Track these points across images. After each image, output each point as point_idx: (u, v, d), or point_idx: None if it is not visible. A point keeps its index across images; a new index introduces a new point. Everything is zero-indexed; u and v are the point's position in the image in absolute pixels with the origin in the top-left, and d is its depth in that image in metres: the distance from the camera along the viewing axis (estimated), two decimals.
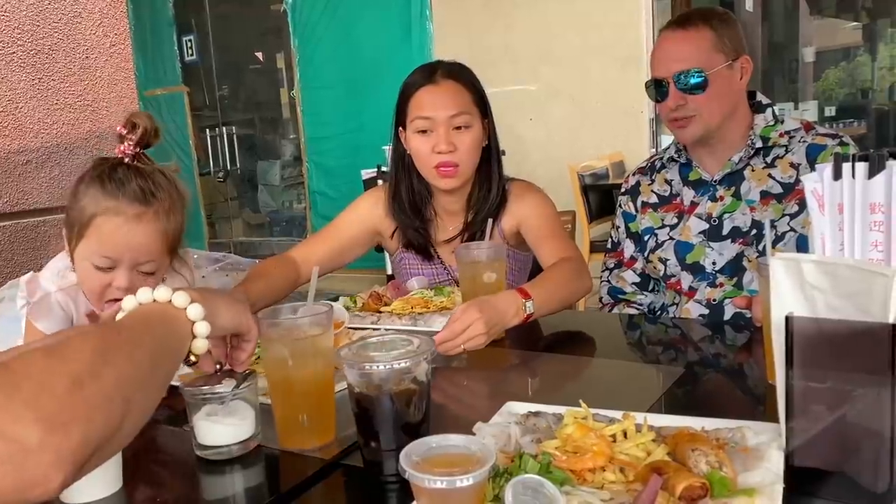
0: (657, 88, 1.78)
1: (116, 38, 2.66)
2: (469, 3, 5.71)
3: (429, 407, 0.96)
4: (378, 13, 5.95)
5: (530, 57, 5.58)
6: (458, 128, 1.77)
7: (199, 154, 7.35)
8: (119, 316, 0.89)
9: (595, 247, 4.64)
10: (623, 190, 2.04)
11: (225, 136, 7.62)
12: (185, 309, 0.89)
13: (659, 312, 1.96)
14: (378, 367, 0.91)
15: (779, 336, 0.85)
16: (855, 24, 8.49)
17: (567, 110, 5.53)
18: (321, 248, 1.90)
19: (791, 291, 0.85)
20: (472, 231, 1.88)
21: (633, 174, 2.03)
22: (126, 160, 1.40)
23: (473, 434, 0.93)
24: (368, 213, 1.97)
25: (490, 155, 1.88)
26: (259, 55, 8.17)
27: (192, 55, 7.38)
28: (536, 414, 1.00)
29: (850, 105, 7.90)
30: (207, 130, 7.57)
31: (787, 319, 0.83)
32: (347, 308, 1.78)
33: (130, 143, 1.39)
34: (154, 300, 0.89)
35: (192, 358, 0.93)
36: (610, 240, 2.08)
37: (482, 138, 1.83)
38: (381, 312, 1.73)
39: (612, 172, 5.15)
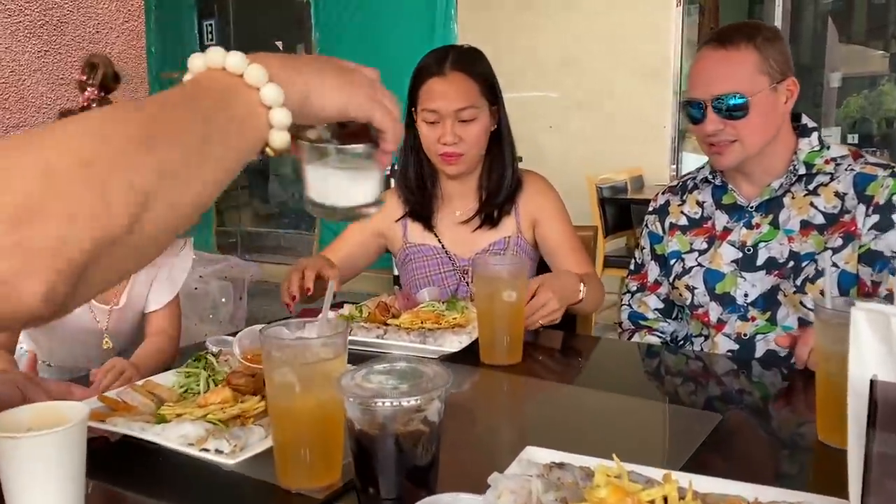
0: (694, 110, 1.64)
1: (130, 15, 2.55)
2: (496, 5, 5.59)
3: (438, 451, 0.83)
4: (402, 12, 5.83)
5: (554, 64, 5.47)
6: (464, 120, 1.82)
7: None
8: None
9: (609, 261, 4.50)
10: (651, 209, 1.91)
11: None
12: (259, 90, 0.65)
13: (682, 342, 1.83)
14: (384, 403, 0.78)
15: (857, 400, 0.72)
16: (883, 52, 8.34)
17: (588, 121, 5.42)
18: (334, 258, 1.83)
19: (875, 350, 0.72)
20: (487, 213, 1.92)
21: (663, 193, 1.90)
22: (94, 106, 1.30)
23: (488, 485, 0.81)
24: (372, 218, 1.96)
25: (501, 139, 1.91)
26: (279, 45, 8.06)
27: (211, 40, 7.28)
28: (561, 465, 0.87)
29: (873, 133, 7.75)
30: None
31: (872, 384, 0.70)
32: (353, 318, 1.66)
33: (93, 87, 1.29)
34: (224, 69, 0.65)
35: (270, 152, 0.69)
36: (633, 261, 1.95)
37: (490, 125, 1.88)
38: (387, 325, 1.60)
39: (630, 186, 5.02)
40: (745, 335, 1.67)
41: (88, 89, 1.29)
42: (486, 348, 1.44)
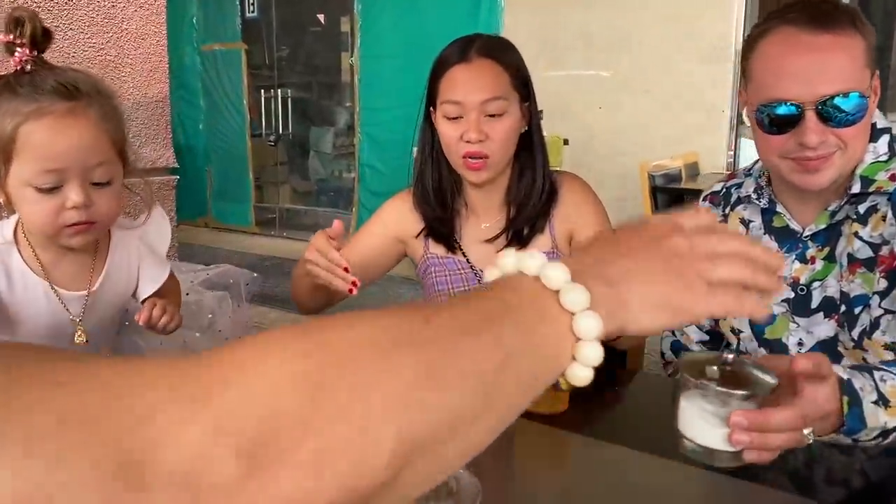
0: (784, 115, 1.24)
1: None
2: None
3: None
4: None
5: (606, 42, 5.18)
6: (492, 115, 1.56)
7: (253, 115, 7.11)
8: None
9: None
10: None
11: (280, 98, 7.37)
12: (573, 315, 0.52)
13: None
14: None
15: None
16: None
17: (641, 102, 5.13)
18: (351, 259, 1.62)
19: None
20: (517, 229, 1.67)
21: (704, 199, 1.58)
22: (28, 68, 1.14)
23: None
24: (392, 221, 1.77)
25: (532, 143, 1.65)
26: (321, 17, 7.88)
27: (253, 11, 7.13)
28: None
29: None
30: (262, 91, 7.32)
31: None
32: None
33: (23, 46, 1.13)
34: (520, 272, 0.54)
35: (562, 384, 0.59)
36: None
37: (520, 125, 1.62)
38: None
39: (685, 174, 4.72)
40: None
41: (18, 50, 1.13)
42: None
